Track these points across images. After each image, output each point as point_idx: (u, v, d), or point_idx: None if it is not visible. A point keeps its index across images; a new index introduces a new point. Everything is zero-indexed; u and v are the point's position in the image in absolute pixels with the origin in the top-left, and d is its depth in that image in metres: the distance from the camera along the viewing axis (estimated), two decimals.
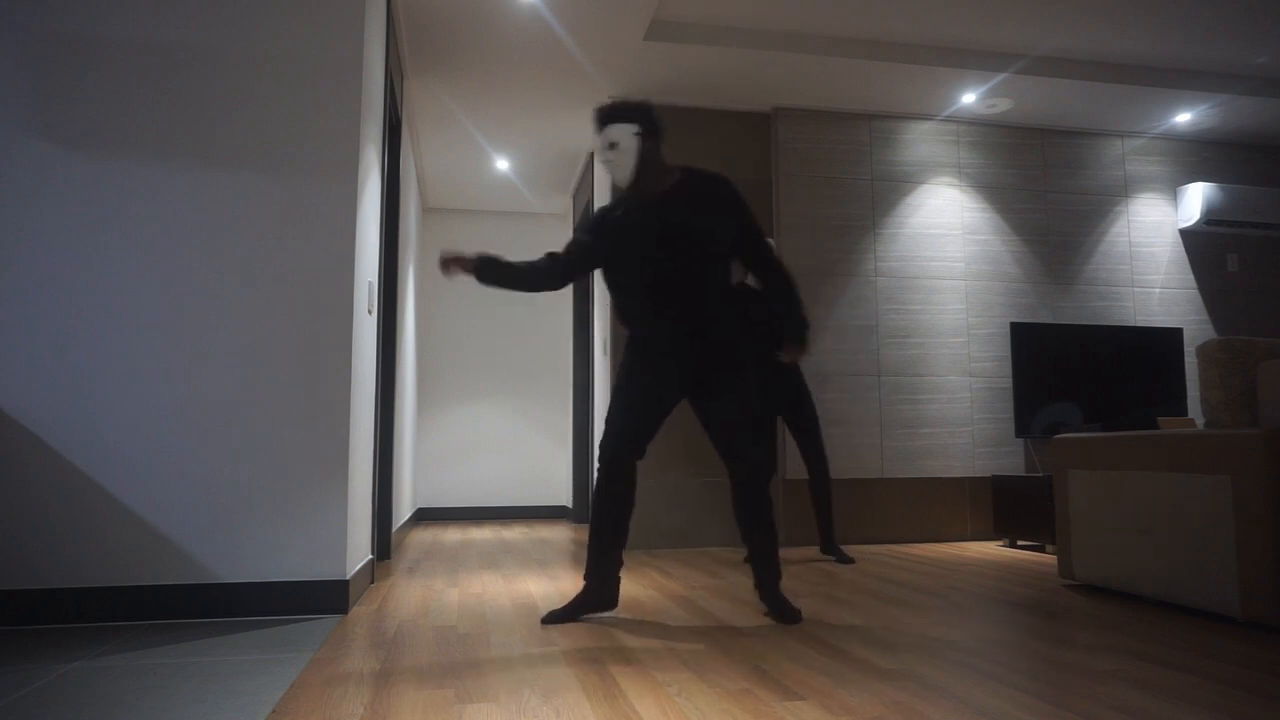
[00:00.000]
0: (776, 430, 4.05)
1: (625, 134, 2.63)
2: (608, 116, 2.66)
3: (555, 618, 2.60)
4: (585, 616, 2.68)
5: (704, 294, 2.63)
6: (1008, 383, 5.06)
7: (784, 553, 4.41)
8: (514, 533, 5.64)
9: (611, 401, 2.73)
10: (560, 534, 5.52)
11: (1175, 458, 2.76)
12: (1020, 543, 4.77)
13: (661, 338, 2.66)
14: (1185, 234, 5.45)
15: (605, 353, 5.03)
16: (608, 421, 2.71)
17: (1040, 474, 4.73)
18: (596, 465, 2.72)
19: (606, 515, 2.69)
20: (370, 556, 3.36)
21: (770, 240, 4.01)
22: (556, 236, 7.37)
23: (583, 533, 5.61)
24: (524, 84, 4.71)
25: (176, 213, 2.77)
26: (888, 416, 4.89)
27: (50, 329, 2.66)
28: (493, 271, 2.60)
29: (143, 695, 1.80)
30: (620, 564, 2.71)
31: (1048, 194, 5.27)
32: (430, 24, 4.03)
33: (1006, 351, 5.09)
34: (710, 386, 2.65)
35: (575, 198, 6.57)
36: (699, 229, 2.62)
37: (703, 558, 4.21)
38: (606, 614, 2.72)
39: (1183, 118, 5.16)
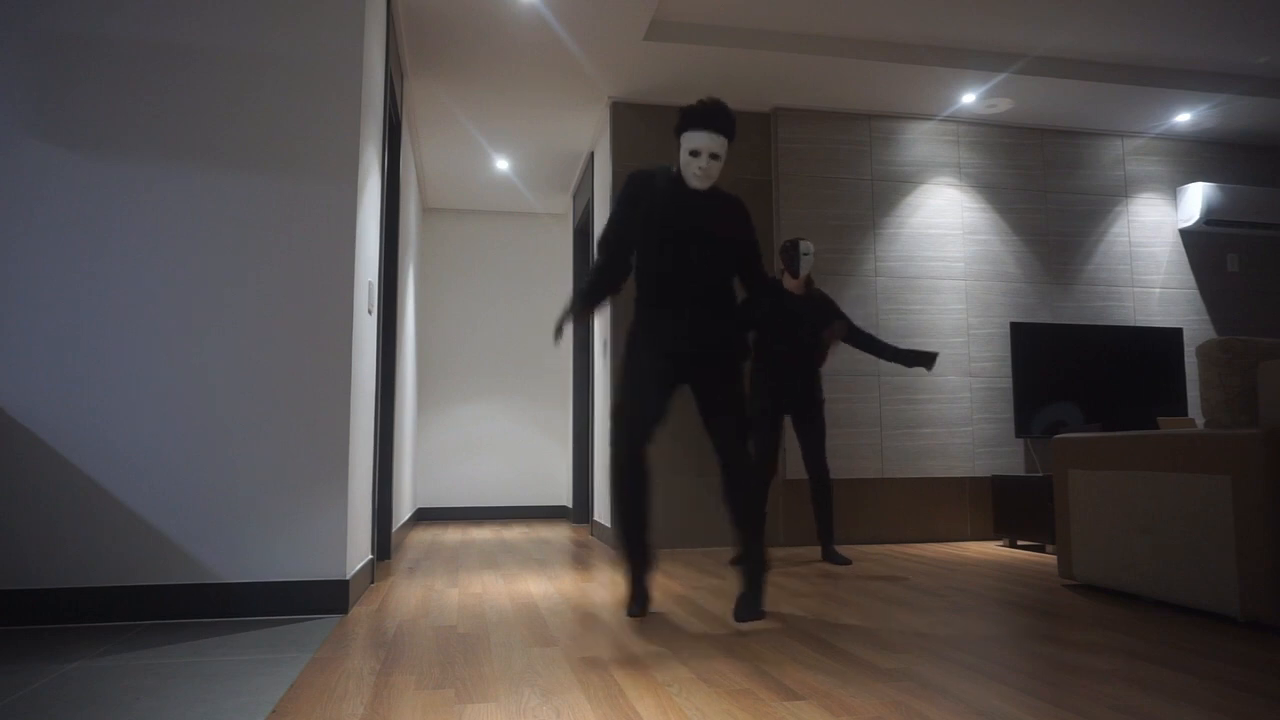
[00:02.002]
0: (781, 429, 4.05)
1: (724, 149, 2.74)
2: (727, 127, 2.72)
3: (637, 611, 2.68)
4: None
5: (725, 291, 2.80)
6: (1008, 383, 5.06)
7: (782, 552, 4.42)
8: (514, 533, 5.64)
9: (621, 388, 2.77)
10: (560, 534, 5.51)
11: (1175, 458, 2.76)
12: (1020, 543, 4.77)
13: (679, 317, 2.74)
14: (1185, 234, 5.45)
15: (605, 353, 5.03)
16: (620, 407, 2.74)
17: (1040, 474, 4.73)
18: (612, 453, 2.74)
19: (634, 499, 2.74)
20: (370, 556, 3.36)
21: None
22: (557, 236, 7.37)
23: (582, 532, 5.61)
24: (524, 84, 4.71)
25: (176, 212, 2.77)
26: (888, 416, 4.89)
27: (50, 329, 2.66)
28: (584, 309, 2.79)
29: (143, 695, 1.80)
30: (652, 545, 2.80)
31: (1048, 194, 5.27)
32: (430, 24, 4.03)
33: (1006, 351, 5.08)
34: (714, 371, 2.74)
35: (575, 198, 6.57)
36: (729, 237, 2.79)
37: (703, 558, 4.21)
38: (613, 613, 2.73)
39: (1183, 118, 5.16)
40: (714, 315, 2.76)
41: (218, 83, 2.83)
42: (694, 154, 2.71)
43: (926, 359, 3.88)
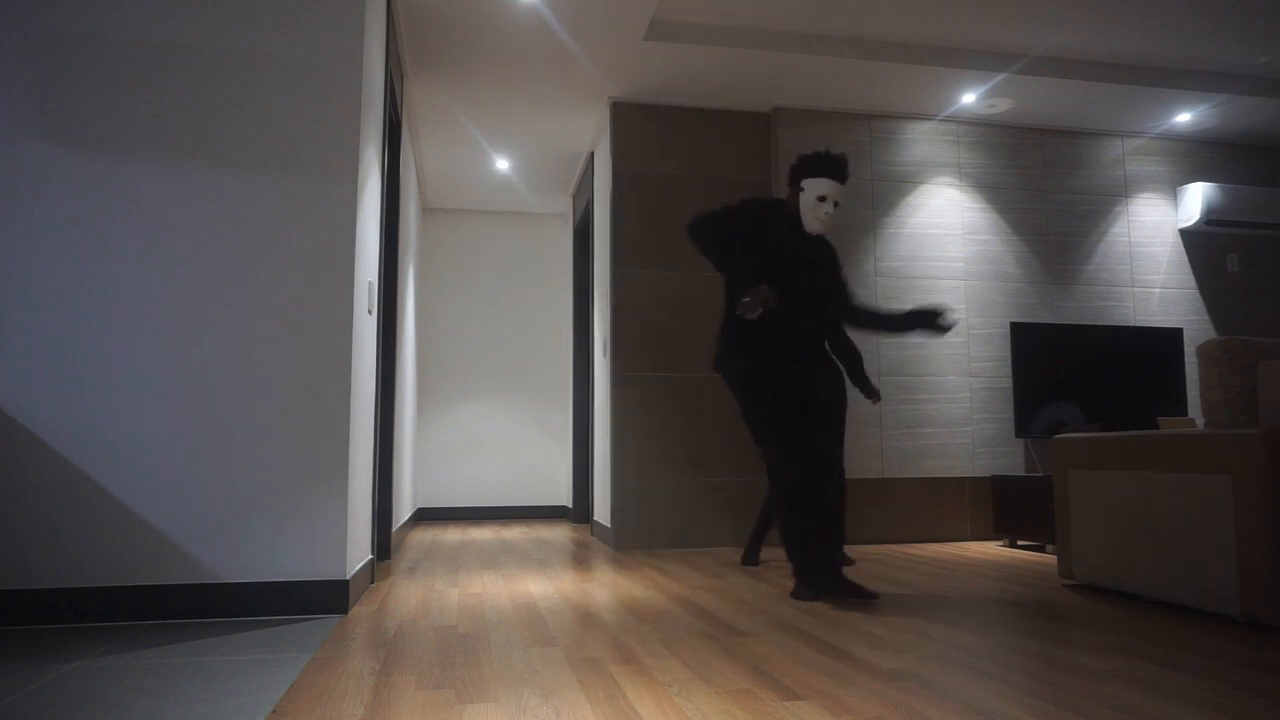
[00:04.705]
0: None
1: (843, 197, 2.93)
2: (846, 177, 2.99)
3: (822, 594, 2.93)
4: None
5: (829, 324, 3.17)
6: (1008, 383, 5.06)
7: (782, 552, 4.42)
8: (514, 533, 5.64)
9: (763, 418, 2.98)
10: (560, 534, 5.52)
11: (1175, 458, 2.76)
12: (1020, 543, 4.77)
13: (798, 349, 3.03)
14: (1185, 234, 5.45)
15: (605, 353, 5.03)
16: (780, 438, 2.95)
17: (1040, 474, 4.73)
18: (788, 481, 2.98)
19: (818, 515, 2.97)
20: (370, 556, 3.36)
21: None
22: (557, 236, 7.37)
23: (582, 532, 5.61)
24: (524, 84, 4.71)
25: (176, 212, 2.77)
26: (888, 416, 4.89)
27: (50, 329, 2.66)
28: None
29: (143, 695, 1.80)
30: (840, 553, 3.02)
31: (1048, 194, 5.27)
32: (430, 24, 4.03)
33: (1006, 351, 5.08)
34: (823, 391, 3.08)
35: (575, 198, 6.57)
36: (833, 274, 3.12)
37: (703, 558, 4.21)
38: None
39: (1183, 118, 5.16)
40: (824, 352, 3.11)
41: (218, 83, 2.83)
42: (821, 199, 2.93)
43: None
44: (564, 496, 7.07)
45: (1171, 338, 4.98)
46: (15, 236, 2.67)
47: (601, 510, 5.14)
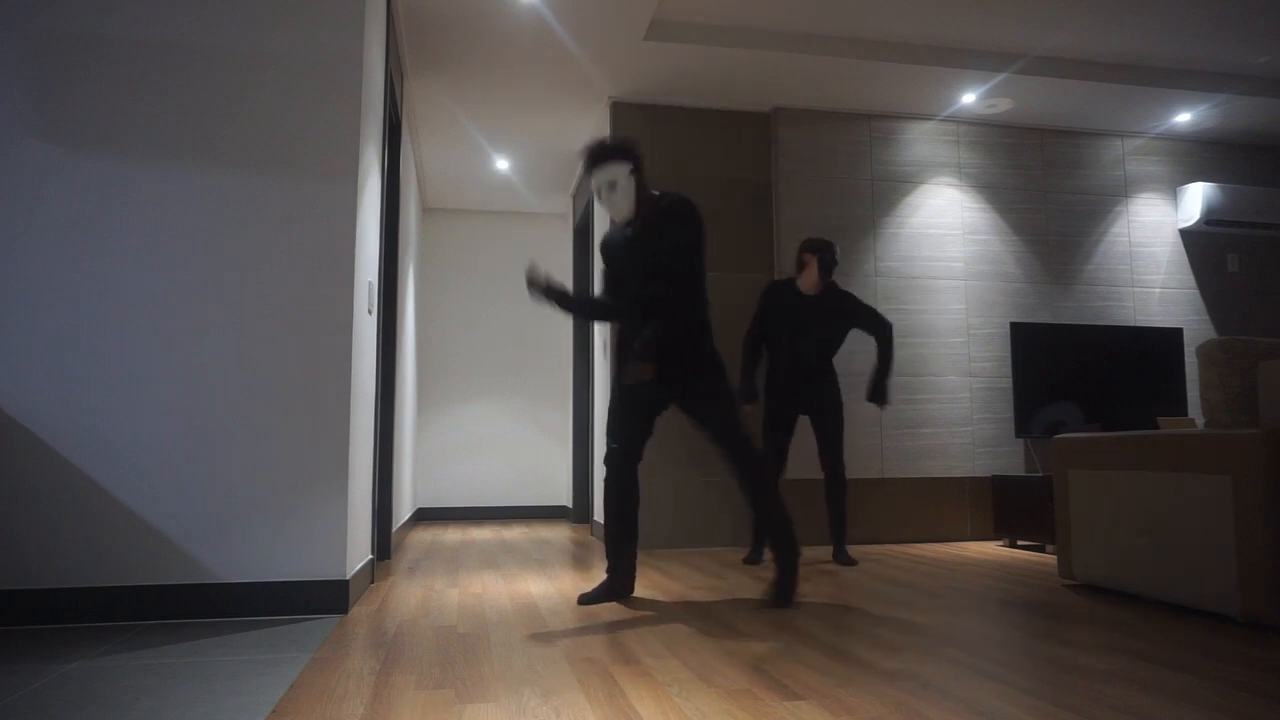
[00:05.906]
0: (792, 431, 4.08)
1: (622, 173, 2.87)
2: (602, 157, 2.85)
3: (589, 599, 2.89)
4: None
5: (672, 310, 2.86)
6: (1008, 383, 5.06)
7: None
8: (514, 533, 5.64)
9: (611, 410, 3.00)
10: (560, 534, 5.52)
11: (1175, 458, 2.76)
12: (1020, 543, 4.77)
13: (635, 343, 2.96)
14: (1185, 234, 5.45)
15: (605, 353, 5.03)
16: (611, 429, 2.98)
17: (1040, 474, 4.73)
18: (605, 471, 2.97)
19: (620, 514, 2.97)
20: (370, 556, 3.36)
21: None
22: (557, 236, 7.37)
23: (582, 532, 5.61)
24: (524, 84, 4.71)
25: (176, 212, 2.77)
26: (888, 416, 4.89)
27: (51, 329, 2.66)
28: (570, 304, 2.88)
29: (143, 695, 1.80)
30: (634, 556, 3.01)
31: (1048, 194, 5.27)
32: (430, 24, 4.03)
33: (1006, 351, 5.08)
34: (690, 389, 2.93)
35: (575, 198, 6.57)
36: (656, 249, 2.89)
37: (703, 558, 4.21)
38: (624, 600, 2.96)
39: (1183, 118, 5.16)
40: (678, 340, 2.92)
41: (218, 83, 2.83)
42: (596, 194, 2.92)
43: (880, 396, 3.92)
44: (564, 496, 7.07)
45: (1171, 338, 4.98)
46: (15, 236, 2.67)
47: (601, 510, 5.14)
